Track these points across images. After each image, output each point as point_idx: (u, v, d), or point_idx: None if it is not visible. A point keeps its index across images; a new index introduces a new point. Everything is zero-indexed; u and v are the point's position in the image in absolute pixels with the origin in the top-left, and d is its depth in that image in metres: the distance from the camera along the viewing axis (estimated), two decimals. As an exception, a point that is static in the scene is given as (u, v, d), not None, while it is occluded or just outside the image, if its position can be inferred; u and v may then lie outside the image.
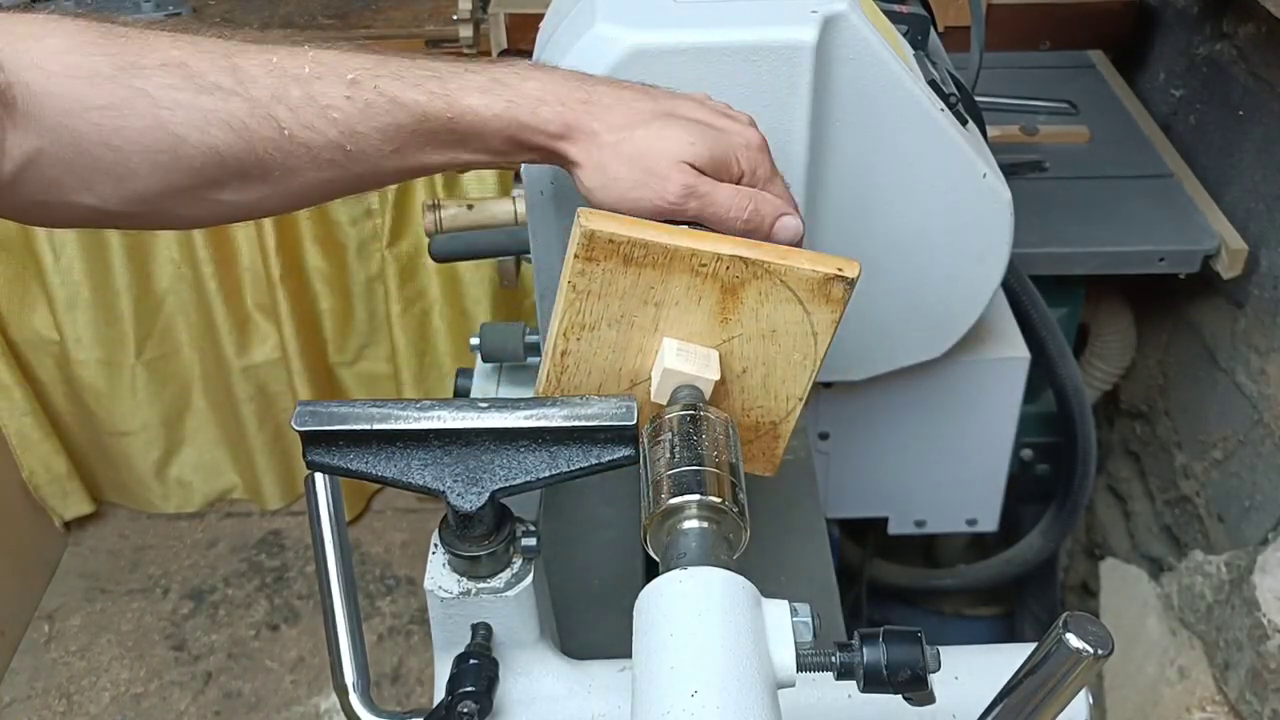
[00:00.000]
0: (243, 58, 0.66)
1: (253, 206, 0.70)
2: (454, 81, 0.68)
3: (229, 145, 0.65)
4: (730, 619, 0.54)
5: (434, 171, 0.72)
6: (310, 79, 0.66)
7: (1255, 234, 1.37)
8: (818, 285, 0.67)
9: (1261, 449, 1.36)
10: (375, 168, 0.69)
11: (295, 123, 0.66)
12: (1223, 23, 1.49)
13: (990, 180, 0.93)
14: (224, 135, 0.65)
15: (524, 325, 1.13)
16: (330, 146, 0.67)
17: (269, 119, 0.65)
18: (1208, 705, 1.35)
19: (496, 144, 0.70)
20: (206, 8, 1.91)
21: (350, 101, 0.66)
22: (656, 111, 0.70)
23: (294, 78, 0.66)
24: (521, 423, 0.65)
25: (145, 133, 0.63)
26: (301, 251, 2.05)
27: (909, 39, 0.98)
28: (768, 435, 0.75)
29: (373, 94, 0.67)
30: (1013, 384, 1.15)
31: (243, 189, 0.68)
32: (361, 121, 0.67)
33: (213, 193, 0.67)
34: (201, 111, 0.64)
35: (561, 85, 0.70)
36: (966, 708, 0.66)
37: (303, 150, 0.67)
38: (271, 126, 0.66)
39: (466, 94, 0.68)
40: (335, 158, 0.68)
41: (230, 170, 0.66)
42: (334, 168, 0.68)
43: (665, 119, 0.69)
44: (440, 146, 0.69)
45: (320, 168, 0.68)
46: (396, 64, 0.68)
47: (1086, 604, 1.76)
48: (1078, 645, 0.51)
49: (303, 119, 0.66)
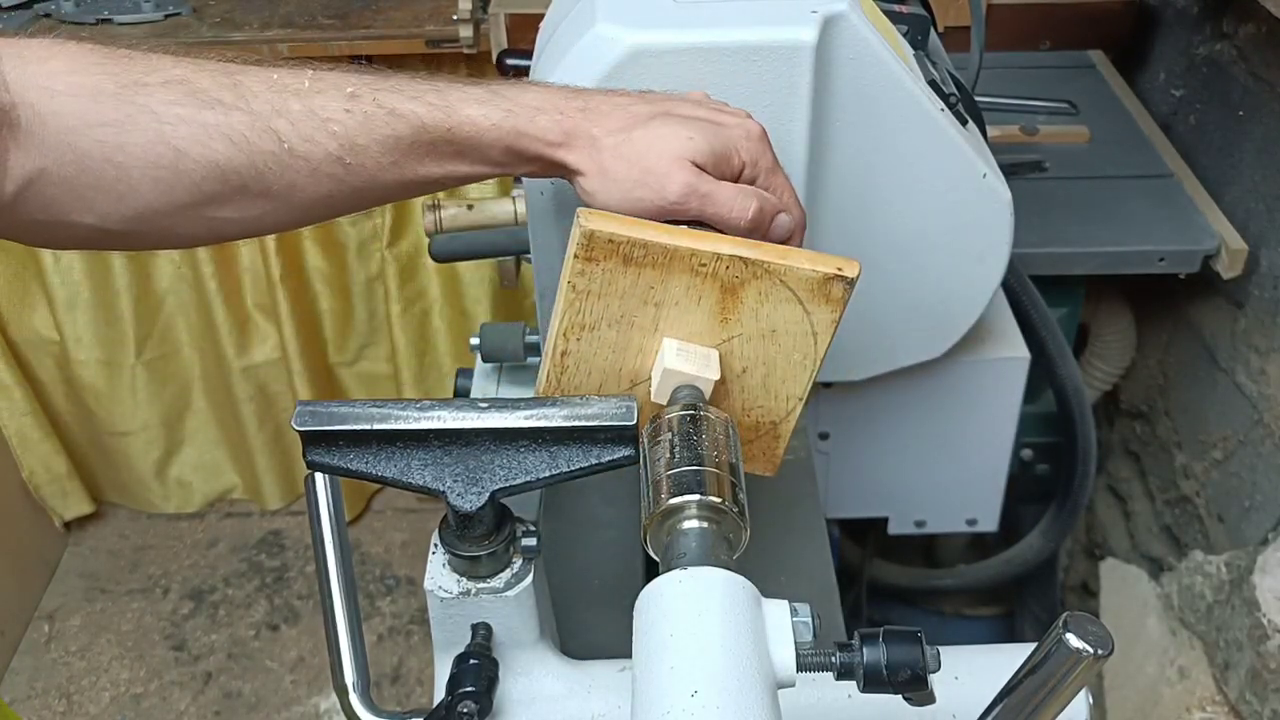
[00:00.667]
0: (244, 75, 0.66)
1: (250, 224, 0.70)
2: (453, 94, 0.68)
3: (229, 159, 0.65)
4: (730, 619, 0.54)
5: (433, 187, 0.72)
6: (310, 93, 0.66)
7: (1255, 234, 1.37)
8: (817, 285, 0.67)
9: (1261, 449, 1.36)
10: (373, 180, 0.69)
11: (295, 135, 0.66)
12: (1223, 23, 1.49)
13: (990, 180, 0.93)
14: (225, 149, 0.65)
15: (524, 325, 1.13)
16: (329, 159, 0.67)
17: (269, 132, 0.66)
18: (1208, 705, 1.35)
19: (495, 154, 0.70)
20: (207, 8, 1.91)
21: (349, 114, 0.67)
22: (654, 112, 0.70)
23: (294, 92, 0.66)
24: (521, 423, 0.65)
25: (147, 148, 0.64)
26: (301, 251, 2.05)
27: (909, 39, 0.98)
28: (768, 435, 0.75)
29: (372, 106, 0.67)
30: (1013, 384, 1.15)
31: (242, 205, 0.68)
32: (361, 134, 0.67)
33: (212, 209, 0.67)
34: (203, 125, 0.64)
35: (559, 95, 0.70)
36: (966, 708, 0.66)
37: (302, 164, 0.67)
38: (272, 140, 0.66)
39: (465, 105, 0.68)
40: (334, 171, 0.68)
41: (230, 185, 0.66)
42: (333, 181, 0.68)
43: (663, 118, 0.69)
44: (439, 158, 0.69)
45: (319, 181, 0.68)
46: (396, 79, 0.69)
47: (1086, 604, 1.76)
48: (1078, 645, 0.51)
49: (302, 132, 0.66)
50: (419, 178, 0.70)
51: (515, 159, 0.70)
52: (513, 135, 0.69)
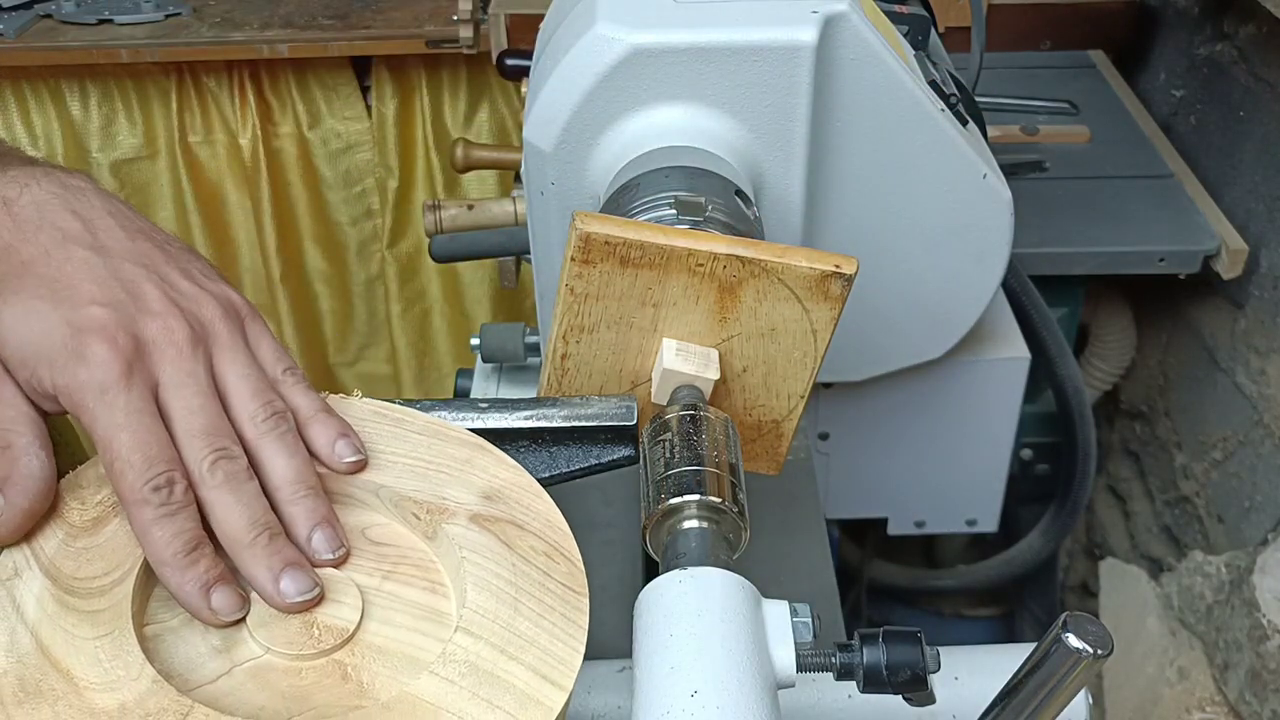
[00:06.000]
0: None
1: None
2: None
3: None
4: (730, 619, 0.54)
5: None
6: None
7: (1255, 234, 1.37)
8: (815, 283, 0.67)
9: (1261, 449, 1.36)
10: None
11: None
12: (1223, 23, 1.49)
13: (990, 180, 0.93)
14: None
15: (524, 326, 1.13)
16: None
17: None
18: (1207, 706, 1.35)
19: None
20: (207, 8, 1.91)
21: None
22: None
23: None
24: (521, 423, 0.65)
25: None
26: (301, 251, 2.05)
27: (909, 39, 0.98)
28: (770, 434, 0.75)
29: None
30: (1013, 384, 1.15)
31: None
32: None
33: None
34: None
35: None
36: (966, 708, 0.66)
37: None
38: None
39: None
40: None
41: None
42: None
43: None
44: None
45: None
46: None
47: (1086, 604, 1.76)
48: (1078, 645, 0.51)
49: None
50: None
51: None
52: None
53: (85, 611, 0.49)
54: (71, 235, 0.55)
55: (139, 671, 0.47)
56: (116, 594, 0.49)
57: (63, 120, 1.90)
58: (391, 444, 0.59)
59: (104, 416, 0.50)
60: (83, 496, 0.54)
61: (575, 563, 0.54)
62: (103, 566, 0.51)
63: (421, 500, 0.56)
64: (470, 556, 0.53)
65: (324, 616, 0.51)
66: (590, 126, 0.84)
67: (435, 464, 0.58)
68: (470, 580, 0.52)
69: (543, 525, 0.56)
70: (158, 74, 1.88)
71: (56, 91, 1.89)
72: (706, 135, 0.83)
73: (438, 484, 0.57)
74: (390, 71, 1.91)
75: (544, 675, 0.49)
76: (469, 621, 0.50)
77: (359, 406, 0.61)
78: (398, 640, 0.51)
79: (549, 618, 0.51)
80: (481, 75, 1.91)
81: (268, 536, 0.51)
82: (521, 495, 0.57)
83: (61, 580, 0.50)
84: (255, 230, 2.00)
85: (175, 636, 0.50)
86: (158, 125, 1.93)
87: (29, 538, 0.51)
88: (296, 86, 1.91)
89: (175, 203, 1.98)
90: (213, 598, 0.50)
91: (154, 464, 0.50)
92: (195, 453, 0.51)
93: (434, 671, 0.48)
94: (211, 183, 1.98)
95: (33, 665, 0.46)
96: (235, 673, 0.49)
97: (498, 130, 1.96)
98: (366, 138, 1.96)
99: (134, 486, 0.50)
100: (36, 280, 0.53)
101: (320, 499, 0.54)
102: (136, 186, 1.96)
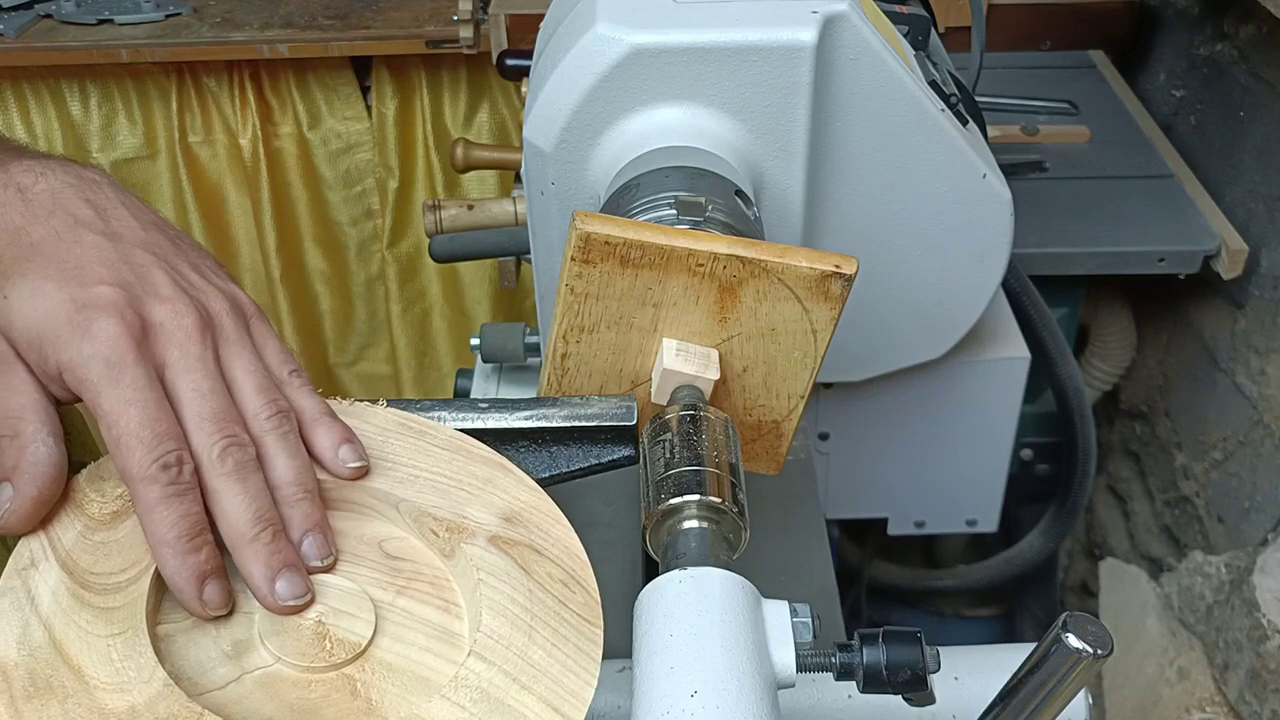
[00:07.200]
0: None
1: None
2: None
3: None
4: (730, 619, 0.54)
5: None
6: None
7: (1255, 234, 1.37)
8: (815, 283, 0.67)
9: (1261, 449, 1.36)
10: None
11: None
12: (1223, 23, 1.49)
13: (990, 180, 0.93)
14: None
15: (524, 326, 1.13)
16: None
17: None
18: (1207, 706, 1.35)
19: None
20: (207, 8, 1.91)
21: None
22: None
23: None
24: (521, 423, 0.65)
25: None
26: (302, 251, 2.05)
27: (909, 39, 0.98)
28: (771, 434, 0.75)
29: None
30: (1013, 384, 1.15)
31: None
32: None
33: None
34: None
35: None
36: (966, 708, 0.66)
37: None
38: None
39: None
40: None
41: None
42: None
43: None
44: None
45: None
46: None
47: (1086, 604, 1.76)
48: (1077, 645, 0.51)
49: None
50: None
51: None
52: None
53: (100, 608, 0.48)
54: (83, 221, 0.54)
55: (150, 674, 0.46)
56: (132, 592, 0.49)
57: (63, 120, 1.90)
58: (414, 457, 0.58)
59: (110, 392, 0.49)
60: (103, 489, 0.53)
61: (591, 593, 0.53)
62: (120, 563, 0.50)
63: (441, 517, 0.55)
64: (487, 579, 0.52)
65: (337, 629, 0.50)
66: (590, 126, 0.84)
67: (457, 481, 0.57)
68: (486, 604, 0.51)
69: (561, 552, 0.55)
70: (158, 74, 1.88)
71: (56, 91, 1.89)
72: (706, 135, 0.83)
73: (458, 501, 0.56)
74: (390, 72, 1.91)
75: (555, 708, 0.48)
76: (483, 646, 0.50)
77: (383, 415, 0.60)
78: (409, 659, 0.50)
79: (563, 648, 0.50)
80: (481, 75, 1.91)
81: (271, 534, 0.51)
82: (542, 520, 0.56)
83: (78, 574, 0.49)
84: (255, 230, 2.00)
85: (187, 638, 0.50)
86: (158, 125, 1.93)
87: (47, 527, 0.51)
88: (297, 86, 1.91)
89: (175, 203, 1.98)
90: (206, 589, 0.49)
91: (164, 440, 0.49)
92: (205, 437, 0.50)
93: (446, 696, 0.48)
94: (212, 183, 1.98)
95: (44, 660, 0.46)
96: (244, 680, 0.49)
97: (498, 130, 1.96)
98: (366, 138, 1.96)
99: (142, 463, 0.49)
100: (45, 260, 0.52)
101: (316, 504, 0.53)
102: (136, 186, 1.96)
